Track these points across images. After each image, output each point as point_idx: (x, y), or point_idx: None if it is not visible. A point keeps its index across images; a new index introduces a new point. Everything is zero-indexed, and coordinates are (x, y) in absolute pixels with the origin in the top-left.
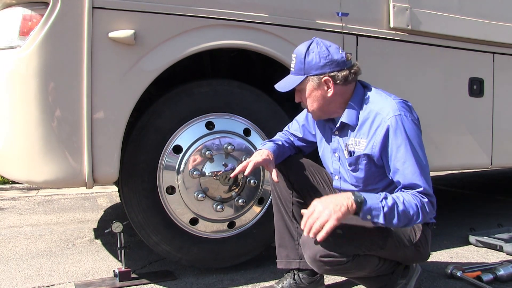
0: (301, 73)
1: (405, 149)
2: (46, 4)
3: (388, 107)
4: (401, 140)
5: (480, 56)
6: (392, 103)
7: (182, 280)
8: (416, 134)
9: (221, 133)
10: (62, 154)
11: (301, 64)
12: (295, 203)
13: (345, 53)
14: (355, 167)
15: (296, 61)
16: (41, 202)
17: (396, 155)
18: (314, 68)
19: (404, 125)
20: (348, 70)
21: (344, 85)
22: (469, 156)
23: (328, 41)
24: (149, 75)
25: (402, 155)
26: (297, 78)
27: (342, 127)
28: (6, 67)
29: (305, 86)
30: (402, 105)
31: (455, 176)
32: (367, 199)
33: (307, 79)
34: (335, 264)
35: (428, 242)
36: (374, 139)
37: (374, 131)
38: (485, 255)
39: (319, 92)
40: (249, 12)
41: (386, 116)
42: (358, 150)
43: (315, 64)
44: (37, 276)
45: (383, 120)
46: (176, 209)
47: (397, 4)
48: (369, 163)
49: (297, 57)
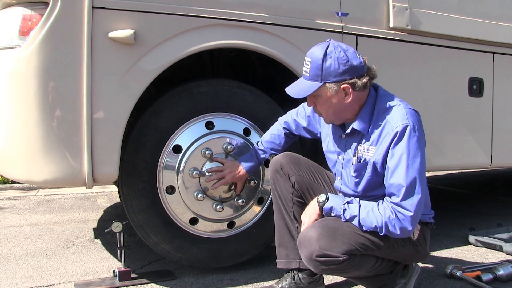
0: (318, 79)
1: (399, 159)
2: (46, 4)
3: (398, 115)
4: (401, 149)
5: (479, 56)
6: (402, 112)
7: (181, 280)
8: (416, 148)
9: (221, 133)
10: (62, 153)
11: (317, 70)
12: (295, 203)
13: (362, 57)
14: (359, 173)
15: (312, 66)
16: (41, 201)
17: (390, 161)
18: (333, 75)
19: (409, 136)
20: (367, 76)
21: (362, 91)
22: (469, 156)
23: (344, 44)
24: (149, 75)
25: (395, 163)
26: (313, 84)
27: (352, 132)
28: (6, 66)
29: (321, 92)
30: (412, 115)
31: (454, 175)
32: (330, 200)
33: (324, 86)
34: (331, 263)
35: (427, 242)
36: (382, 146)
37: (383, 139)
38: (485, 255)
39: (336, 99)
40: (249, 12)
41: (394, 125)
42: (367, 157)
43: (334, 71)
44: (37, 275)
45: (392, 128)
46: (176, 209)
47: (397, 4)
48: (373, 171)
49: (312, 62)
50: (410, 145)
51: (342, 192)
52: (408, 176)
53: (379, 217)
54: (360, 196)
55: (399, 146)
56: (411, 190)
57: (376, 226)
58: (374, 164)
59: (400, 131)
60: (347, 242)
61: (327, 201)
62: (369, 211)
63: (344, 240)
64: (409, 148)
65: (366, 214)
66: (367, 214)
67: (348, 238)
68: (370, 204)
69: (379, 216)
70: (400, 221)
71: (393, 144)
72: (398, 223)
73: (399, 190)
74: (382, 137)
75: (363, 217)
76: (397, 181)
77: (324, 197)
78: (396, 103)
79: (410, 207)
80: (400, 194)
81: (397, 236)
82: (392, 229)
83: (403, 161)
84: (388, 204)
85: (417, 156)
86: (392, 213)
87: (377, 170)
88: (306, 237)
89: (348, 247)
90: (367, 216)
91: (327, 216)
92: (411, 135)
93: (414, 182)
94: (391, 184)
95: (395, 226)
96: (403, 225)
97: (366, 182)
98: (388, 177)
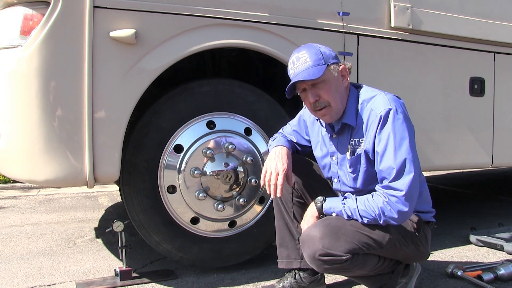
0: (322, 62)
1: (387, 142)
2: (47, 4)
3: (380, 102)
4: (387, 133)
5: (481, 56)
6: (384, 98)
7: (183, 279)
8: (402, 129)
9: (222, 133)
10: (63, 153)
11: (318, 55)
12: (295, 203)
13: None
14: (355, 168)
15: (310, 55)
16: (42, 201)
17: (378, 146)
18: (330, 57)
19: (393, 119)
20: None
21: (348, 80)
22: (470, 155)
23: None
24: (150, 75)
25: (383, 147)
26: (320, 67)
27: (342, 128)
28: (7, 66)
29: (327, 76)
30: (394, 100)
31: (456, 175)
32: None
33: (329, 68)
34: (334, 263)
35: (428, 241)
36: (369, 134)
37: (369, 127)
38: (486, 254)
39: (339, 81)
40: (250, 11)
41: (378, 111)
42: (359, 149)
43: (330, 55)
44: (38, 275)
45: (376, 115)
46: (177, 208)
47: (398, 4)
48: (366, 161)
49: (308, 52)
50: (396, 128)
51: (343, 192)
52: (397, 158)
53: (374, 205)
54: (361, 191)
55: (384, 130)
56: (401, 171)
57: (375, 214)
58: (366, 153)
59: (383, 115)
60: (350, 241)
61: (324, 201)
62: (365, 201)
63: (347, 239)
64: (395, 131)
65: (364, 205)
66: (364, 205)
67: (351, 237)
68: (365, 196)
69: (374, 204)
70: (394, 203)
71: (378, 129)
72: (393, 206)
73: (389, 173)
74: (369, 126)
75: (362, 208)
76: (387, 164)
77: (321, 199)
78: (377, 93)
79: (401, 187)
80: (390, 177)
81: (397, 221)
82: (389, 214)
83: (390, 144)
84: (380, 190)
85: (404, 137)
86: (385, 197)
87: (370, 159)
88: (309, 236)
89: (351, 246)
90: (365, 207)
91: (329, 216)
92: (395, 118)
93: (404, 162)
94: (382, 169)
95: (391, 210)
96: (398, 207)
97: (363, 175)
98: (379, 163)
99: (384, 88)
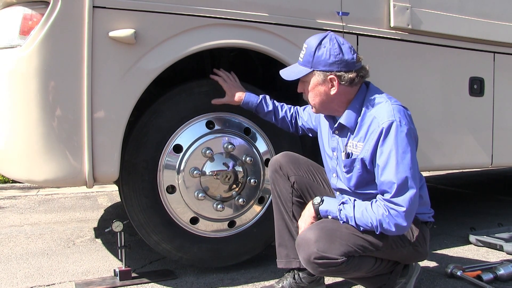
0: (308, 65)
1: (388, 156)
2: (46, 4)
3: (385, 112)
4: (389, 146)
5: (480, 56)
6: (389, 108)
7: (182, 279)
8: (405, 143)
9: (222, 133)
10: (63, 153)
11: (309, 57)
12: (295, 203)
13: (357, 55)
14: (349, 169)
15: (306, 53)
16: (42, 201)
17: (379, 159)
18: (322, 64)
19: (396, 132)
20: (356, 72)
21: (349, 86)
22: (470, 155)
23: (342, 39)
24: (149, 75)
25: (384, 160)
26: (303, 69)
27: (341, 128)
28: (6, 66)
29: (309, 79)
30: (400, 111)
31: (455, 175)
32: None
33: (312, 73)
34: (329, 266)
35: (426, 241)
36: (369, 143)
37: (370, 135)
38: (485, 254)
39: (323, 88)
40: (250, 11)
41: (381, 121)
42: (355, 153)
43: (324, 60)
44: (38, 275)
45: (378, 125)
46: (177, 208)
47: (398, 4)
48: (362, 167)
49: (307, 48)
50: (399, 141)
51: (339, 188)
52: (398, 173)
53: (373, 215)
54: (354, 192)
55: (387, 143)
56: (403, 186)
57: (372, 225)
58: (362, 161)
59: (386, 128)
60: (345, 244)
61: (322, 203)
62: (363, 210)
63: (342, 242)
64: (397, 144)
65: (361, 213)
66: (361, 213)
67: (346, 240)
68: (364, 204)
69: (373, 214)
70: (393, 217)
71: (380, 141)
72: (392, 219)
73: (390, 187)
74: (369, 134)
75: (359, 217)
76: (388, 178)
77: (319, 199)
78: (384, 100)
79: (402, 203)
80: (392, 191)
81: (393, 234)
82: (387, 227)
83: (392, 158)
84: (380, 202)
85: (407, 151)
86: (385, 210)
87: (366, 167)
88: (304, 239)
89: (346, 248)
90: (362, 216)
91: (325, 218)
92: (398, 131)
93: (406, 177)
94: (383, 181)
95: (389, 223)
96: (397, 221)
97: (357, 178)
98: (379, 175)
99: (384, 88)
